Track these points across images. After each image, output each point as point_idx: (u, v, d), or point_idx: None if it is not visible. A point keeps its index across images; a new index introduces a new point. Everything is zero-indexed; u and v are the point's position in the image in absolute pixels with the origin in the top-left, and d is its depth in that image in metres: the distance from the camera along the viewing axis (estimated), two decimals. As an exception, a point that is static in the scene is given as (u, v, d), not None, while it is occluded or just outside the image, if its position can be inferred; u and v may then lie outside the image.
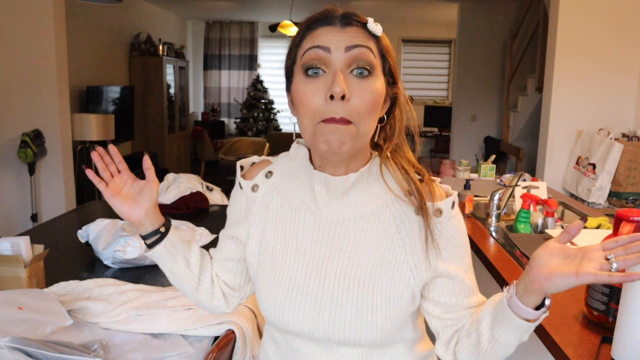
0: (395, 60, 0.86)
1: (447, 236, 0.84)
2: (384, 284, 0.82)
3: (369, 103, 0.78)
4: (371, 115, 0.79)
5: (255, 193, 0.91)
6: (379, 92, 0.80)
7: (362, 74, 0.78)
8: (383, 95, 0.81)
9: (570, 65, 3.40)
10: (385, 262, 0.83)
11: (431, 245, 0.82)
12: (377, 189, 0.86)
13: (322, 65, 0.78)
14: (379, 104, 0.80)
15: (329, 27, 0.79)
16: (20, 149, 3.63)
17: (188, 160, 7.82)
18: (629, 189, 3.19)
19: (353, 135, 0.77)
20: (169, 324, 1.28)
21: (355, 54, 0.77)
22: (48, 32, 3.68)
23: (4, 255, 1.39)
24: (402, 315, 0.83)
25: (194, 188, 2.50)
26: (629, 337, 0.94)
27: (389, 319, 0.82)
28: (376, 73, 0.79)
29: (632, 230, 1.20)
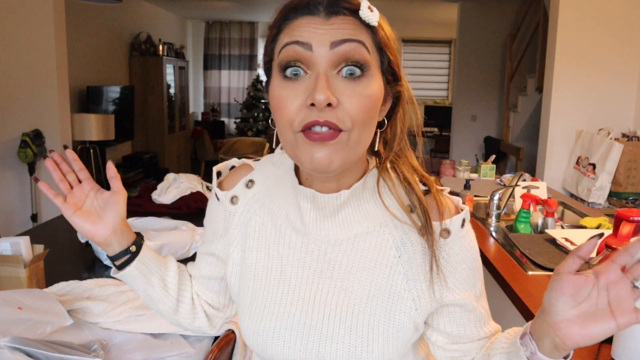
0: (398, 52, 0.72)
1: (456, 260, 0.72)
2: (381, 317, 0.71)
3: (362, 108, 0.63)
4: (366, 122, 0.65)
5: (235, 206, 0.79)
6: (376, 95, 0.65)
7: (353, 75, 0.63)
8: (381, 97, 0.67)
9: (570, 65, 3.40)
10: (383, 291, 0.72)
11: (436, 273, 0.71)
12: (374, 206, 0.73)
13: (303, 65, 0.63)
14: (376, 108, 0.66)
15: (310, 17, 0.64)
16: (20, 149, 3.63)
17: (188, 160, 7.82)
18: (629, 189, 3.19)
19: (342, 147, 0.64)
20: (169, 324, 1.28)
21: (343, 50, 0.62)
22: (48, 32, 3.68)
23: (4, 255, 1.39)
24: (402, 349, 0.73)
25: (194, 188, 2.50)
26: (629, 337, 0.94)
27: (387, 355, 0.71)
28: (371, 72, 0.65)
29: (632, 230, 1.20)
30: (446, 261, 0.72)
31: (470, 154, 6.48)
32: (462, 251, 0.73)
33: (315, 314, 0.72)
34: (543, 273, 1.47)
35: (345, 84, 0.63)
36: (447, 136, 7.83)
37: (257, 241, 0.77)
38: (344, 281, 0.72)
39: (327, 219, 0.73)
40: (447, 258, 0.72)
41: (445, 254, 0.72)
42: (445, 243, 0.72)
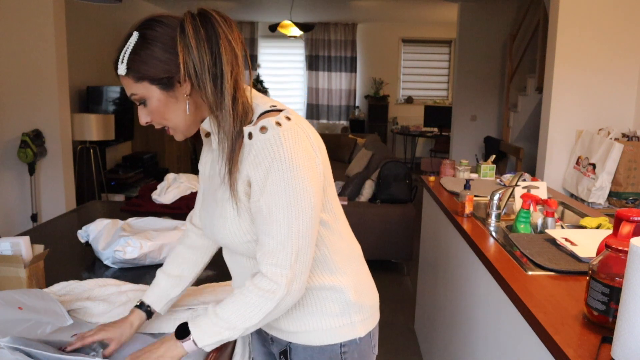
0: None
1: (251, 157, 0.98)
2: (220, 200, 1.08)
3: (156, 117, 1.05)
4: (165, 117, 1.05)
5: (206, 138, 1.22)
6: (155, 106, 1.03)
7: (141, 103, 1.05)
8: (161, 102, 1.03)
9: (570, 65, 3.40)
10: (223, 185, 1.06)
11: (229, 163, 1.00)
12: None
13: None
14: (162, 110, 1.03)
15: (117, 76, 1.05)
16: (21, 149, 3.64)
17: (188, 160, 7.81)
18: (629, 189, 3.19)
19: (174, 132, 1.09)
20: (169, 324, 1.28)
21: (133, 99, 1.05)
22: (48, 32, 3.69)
23: (4, 255, 1.39)
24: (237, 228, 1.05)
25: (194, 188, 2.50)
26: (629, 337, 0.94)
27: (229, 229, 1.06)
28: (147, 97, 1.02)
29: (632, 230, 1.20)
30: (250, 155, 0.98)
31: (470, 154, 6.48)
32: (260, 150, 0.96)
33: (208, 197, 1.15)
34: (543, 273, 1.47)
35: (143, 109, 1.06)
36: (447, 136, 7.83)
37: (206, 159, 1.22)
38: (215, 176, 1.10)
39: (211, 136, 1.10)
40: (250, 153, 0.98)
41: (250, 150, 0.98)
42: (251, 143, 0.98)
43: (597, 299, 1.12)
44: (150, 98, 1.02)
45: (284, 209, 0.96)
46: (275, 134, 0.96)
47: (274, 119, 0.98)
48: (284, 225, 0.96)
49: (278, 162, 0.95)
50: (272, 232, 0.97)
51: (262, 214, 0.98)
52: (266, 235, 0.98)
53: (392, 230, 4.04)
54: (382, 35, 9.10)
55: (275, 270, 0.97)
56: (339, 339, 1.11)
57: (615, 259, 1.09)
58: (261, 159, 0.96)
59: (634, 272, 0.92)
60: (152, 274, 1.67)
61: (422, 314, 2.90)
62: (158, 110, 1.04)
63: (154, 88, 1.01)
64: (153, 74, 1.00)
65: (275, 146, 0.96)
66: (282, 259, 0.97)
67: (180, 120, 1.06)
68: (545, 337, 1.14)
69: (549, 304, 1.27)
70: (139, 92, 1.02)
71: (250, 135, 0.98)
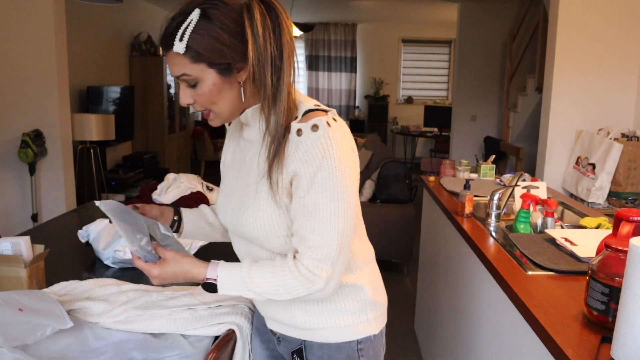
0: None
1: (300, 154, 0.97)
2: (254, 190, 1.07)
3: (204, 101, 1.01)
4: (213, 102, 1.01)
5: (229, 127, 1.23)
6: (208, 90, 0.99)
7: (190, 84, 1.00)
8: (216, 86, 0.99)
9: (570, 65, 3.40)
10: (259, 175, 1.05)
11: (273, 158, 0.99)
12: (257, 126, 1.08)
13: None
14: (214, 95, 1.00)
15: (164, 54, 1.02)
16: (21, 149, 3.64)
17: (188, 160, 7.82)
18: (629, 189, 3.19)
19: (214, 117, 1.05)
20: (169, 324, 1.29)
21: (181, 79, 1.00)
22: (48, 32, 3.69)
23: (5, 255, 1.39)
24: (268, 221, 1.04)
25: (194, 188, 2.51)
26: (629, 337, 0.94)
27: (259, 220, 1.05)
28: (200, 80, 0.98)
29: (632, 230, 1.20)
30: (297, 152, 0.97)
31: (470, 154, 6.48)
32: (309, 148, 0.96)
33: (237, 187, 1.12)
34: (543, 273, 1.47)
35: (190, 90, 1.01)
36: (447, 136, 7.83)
37: (231, 148, 1.19)
38: (250, 166, 1.08)
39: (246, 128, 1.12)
40: (298, 150, 0.97)
41: (297, 147, 0.97)
42: (300, 140, 0.97)
43: (597, 298, 1.12)
44: (204, 81, 0.98)
45: (331, 207, 0.96)
46: (326, 134, 0.96)
47: (324, 118, 0.98)
48: (330, 223, 0.97)
49: (328, 160, 0.95)
50: (318, 229, 0.97)
51: (306, 210, 0.98)
52: (310, 232, 0.98)
53: (392, 230, 4.04)
54: (382, 35, 9.10)
55: (318, 264, 0.98)
56: (356, 336, 1.11)
57: (615, 258, 1.09)
58: (311, 157, 0.96)
59: (634, 272, 0.92)
60: (153, 274, 1.68)
61: (422, 314, 2.90)
62: (209, 95, 1.00)
63: (212, 72, 0.98)
64: (215, 58, 0.96)
65: (326, 145, 0.96)
66: (326, 254, 0.97)
67: (228, 107, 1.03)
68: (545, 337, 1.14)
69: (549, 304, 1.27)
70: (193, 74, 0.98)
71: (300, 131, 0.97)
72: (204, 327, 1.29)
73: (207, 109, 1.04)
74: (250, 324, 1.35)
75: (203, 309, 1.35)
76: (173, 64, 0.99)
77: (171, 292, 1.44)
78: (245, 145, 1.12)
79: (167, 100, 6.70)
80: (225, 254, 1.27)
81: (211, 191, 2.66)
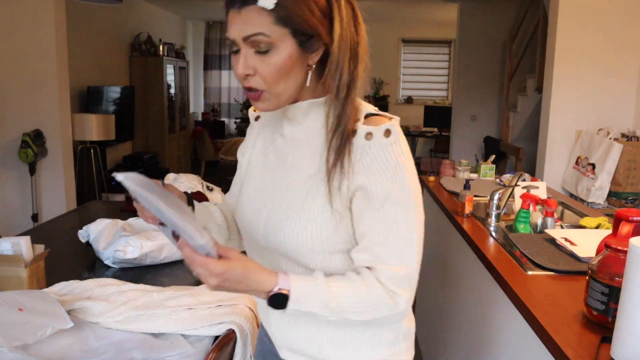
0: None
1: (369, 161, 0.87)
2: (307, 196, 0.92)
3: (271, 73, 0.87)
4: (279, 80, 0.87)
5: (257, 122, 1.10)
6: (282, 61, 0.86)
7: (260, 49, 0.86)
8: (291, 59, 0.86)
9: (570, 65, 3.40)
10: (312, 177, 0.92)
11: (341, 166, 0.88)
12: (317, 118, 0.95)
13: (235, 46, 0.89)
14: (285, 69, 0.87)
15: (232, 10, 0.87)
16: (21, 149, 3.64)
17: (188, 160, 7.82)
18: (629, 189, 3.19)
19: (268, 99, 0.90)
20: (169, 323, 1.29)
21: (251, 41, 0.86)
22: (49, 32, 3.69)
23: (5, 255, 1.39)
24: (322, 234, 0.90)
25: (194, 188, 2.51)
26: (629, 337, 0.94)
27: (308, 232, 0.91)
28: (276, 46, 0.85)
29: (632, 230, 1.20)
30: (365, 158, 0.87)
31: (470, 154, 6.47)
32: (380, 155, 0.87)
33: (273, 191, 0.97)
34: (543, 273, 1.47)
35: (258, 57, 0.87)
36: (447, 136, 7.82)
37: (259, 146, 1.06)
38: (296, 168, 0.95)
39: (291, 124, 0.98)
40: (366, 156, 0.87)
41: (365, 153, 0.87)
42: (368, 145, 0.87)
43: (597, 298, 1.12)
44: (281, 49, 0.86)
45: (408, 222, 0.87)
46: (398, 141, 0.87)
47: (395, 124, 0.88)
48: (409, 240, 0.87)
49: (402, 171, 0.87)
50: (397, 246, 0.87)
51: (383, 225, 0.87)
52: (388, 249, 0.87)
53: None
54: (382, 35, 9.10)
55: (399, 283, 0.87)
56: None
57: (615, 258, 1.09)
58: (383, 165, 0.86)
59: (634, 272, 0.92)
60: (153, 273, 1.67)
61: (422, 314, 2.90)
62: (280, 68, 0.86)
63: (293, 41, 0.86)
64: (302, 25, 0.85)
65: (398, 153, 0.87)
66: (406, 274, 0.88)
67: (291, 89, 0.90)
68: (544, 337, 1.14)
69: (549, 303, 1.27)
70: (271, 36, 0.84)
71: (370, 135, 0.87)
72: (204, 327, 1.29)
73: (262, 88, 0.88)
74: (250, 324, 1.36)
75: (203, 309, 1.35)
76: (246, 21, 0.84)
77: (171, 292, 1.44)
78: (285, 144, 0.98)
79: (167, 100, 6.70)
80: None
81: (211, 191, 2.66)
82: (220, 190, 2.77)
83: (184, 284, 1.58)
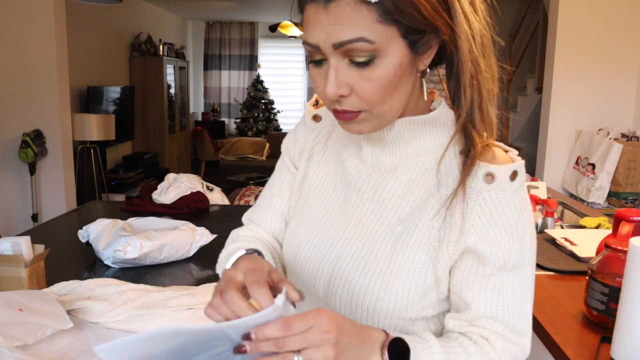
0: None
1: (492, 212, 0.67)
2: (402, 247, 0.70)
3: (374, 91, 0.64)
4: (384, 98, 0.65)
5: (316, 123, 0.85)
6: (389, 74, 0.64)
7: (359, 60, 0.63)
8: (401, 68, 0.64)
9: (570, 65, 3.40)
10: (411, 221, 0.70)
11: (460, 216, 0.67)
12: (427, 141, 0.73)
13: (319, 55, 0.66)
14: (393, 83, 0.65)
15: (312, 4, 0.63)
16: (21, 149, 3.64)
17: (188, 160, 7.82)
18: (629, 189, 3.19)
19: (367, 119, 0.67)
20: (169, 323, 1.29)
21: (345, 50, 0.62)
22: (48, 32, 3.69)
23: (5, 255, 1.39)
24: (414, 293, 0.70)
25: (194, 188, 2.51)
26: (628, 337, 0.94)
27: (395, 291, 0.70)
28: (381, 54, 0.63)
29: (631, 230, 1.20)
30: (482, 209, 0.67)
31: (470, 154, 6.47)
32: (502, 205, 0.67)
33: (344, 229, 0.75)
34: (543, 273, 1.47)
35: (356, 70, 0.64)
36: (447, 136, 7.82)
37: (320, 158, 0.83)
38: (380, 205, 0.73)
39: (377, 146, 0.75)
40: (484, 206, 0.67)
41: (482, 201, 0.67)
42: (487, 190, 0.67)
43: (597, 298, 1.12)
44: (387, 59, 0.63)
45: (527, 290, 0.72)
46: (522, 187, 0.69)
47: (522, 164, 0.69)
48: (528, 309, 0.74)
49: (529, 228, 0.69)
50: (524, 310, 0.73)
51: (497, 293, 0.69)
52: (513, 314, 0.72)
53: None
54: (382, 35, 9.09)
55: (519, 353, 0.75)
56: None
57: (615, 258, 1.09)
58: (507, 221, 0.67)
59: (633, 272, 0.92)
60: (153, 274, 1.67)
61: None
62: (388, 81, 0.64)
63: (402, 43, 0.63)
64: (415, 20, 0.62)
65: (524, 205, 0.69)
66: (525, 342, 0.75)
67: (397, 107, 0.68)
68: (545, 337, 1.14)
69: (549, 304, 1.27)
70: (375, 41, 0.61)
71: (491, 177, 0.67)
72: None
73: (359, 109, 0.66)
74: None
75: (203, 309, 1.35)
76: (339, 20, 0.61)
77: (172, 292, 1.44)
78: (363, 170, 0.77)
79: (167, 100, 6.70)
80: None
81: (211, 191, 2.66)
82: (220, 190, 2.77)
83: (184, 284, 1.58)
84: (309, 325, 0.55)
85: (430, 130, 0.73)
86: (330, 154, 0.82)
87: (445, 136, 0.73)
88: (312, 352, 0.55)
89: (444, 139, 0.73)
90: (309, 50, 0.66)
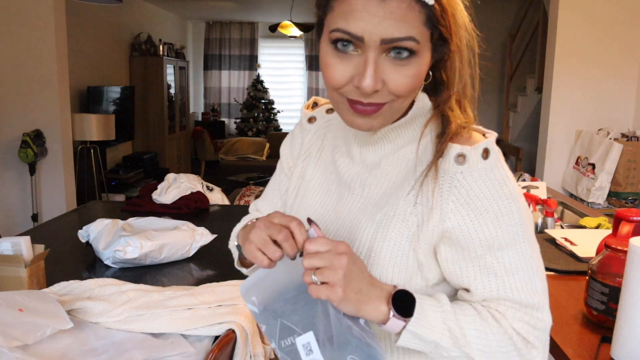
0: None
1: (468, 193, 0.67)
2: (384, 236, 0.71)
3: (406, 87, 0.66)
4: (410, 93, 0.68)
5: (311, 125, 0.88)
6: (420, 73, 0.67)
7: (400, 56, 0.64)
8: (425, 70, 0.69)
9: (570, 65, 3.41)
10: (393, 212, 0.71)
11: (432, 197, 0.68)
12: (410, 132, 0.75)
13: (353, 44, 0.65)
14: (420, 80, 0.68)
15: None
16: (21, 149, 3.64)
17: (188, 160, 7.82)
18: (628, 189, 3.19)
19: (384, 115, 0.68)
20: (169, 323, 1.29)
21: (393, 46, 0.64)
22: (48, 32, 3.69)
23: (5, 255, 1.39)
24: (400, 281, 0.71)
25: (194, 188, 2.51)
26: (629, 336, 0.94)
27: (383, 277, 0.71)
28: (419, 52, 0.65)
29: (631, 230, 1.20)
30: (458, 191, 0.67)
31: (470, 154, 6.47)
32: (479, 185, 0.67)
33: (335, 225, 0.78)
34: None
35: (392, 65, 0.65)
36: (447, 136, 7.82)
37: (317, 159, 0.86)
38: (367, 200, 0.76)
39: (364, 144, 0.77)
40: (460, 188, 0.67)
41: (457, 183, 0.68)
42: (460, 172, 0.68)
43: (597, 298, 1.12)
44: (421, 59, 0.66)
45: (528, 264, 0.69)
46: (499, 164, 0.69)
47: (492, 140, 0.70)
48: (536, 283, 0.70)
49: (510, 203, 0.68)
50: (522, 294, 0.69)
51: (493, 272, 0.69)
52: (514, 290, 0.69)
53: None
54: (382, 35, 9.09)
55: (532, 331, 0.69)
56: None
57: (615, 258, 1.09)
58: (484, 201, 0.67)
59: (633, 272, 0.92)
60: (152, 273, 1.68)
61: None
62: (414, 82, 0.67)
63: (429, 47, 0.68)
64: (450, 25, 0.68)
65: (503, 181, 0.68)
66: (539, 319, 0.70)
67: (410, 102, 0.72)
68: (544, 337, 1.14)
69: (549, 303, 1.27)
70: (420, 42, 0.65)
71: (462, 158, 0.68)
72: (204, 327, 1.29)
73: (385, 101, 0.67)
74: (251, 324, 1.36)
75: (203, 309, 1.35)
76: (394, 16, 0.62)
77: (171, 292, 1.44)
78: (352, 167, 0.79)
79: (167, 100, 6.70)
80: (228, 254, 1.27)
81: (211, 191, 2.66)
82: (220, 190, 2.77)
83: (184, 284, 1.58)
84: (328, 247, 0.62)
85: (410, 124, 0.75)
86: (326, 155, 0.85)
87: (423, 125, 0.76)
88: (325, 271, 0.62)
89: (423, 128, 0.76)
90: (344, 38, 0.64)
